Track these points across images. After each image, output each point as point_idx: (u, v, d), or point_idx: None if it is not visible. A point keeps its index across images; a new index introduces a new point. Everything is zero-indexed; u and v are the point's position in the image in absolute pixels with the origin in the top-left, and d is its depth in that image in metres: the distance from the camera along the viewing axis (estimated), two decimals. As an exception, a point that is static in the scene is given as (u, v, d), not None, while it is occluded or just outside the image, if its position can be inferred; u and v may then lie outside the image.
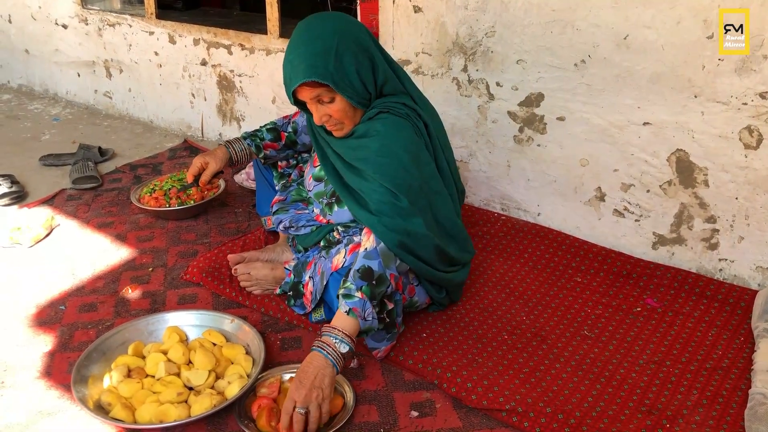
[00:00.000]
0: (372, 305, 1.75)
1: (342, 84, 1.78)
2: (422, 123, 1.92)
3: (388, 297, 1.83)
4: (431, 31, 2.66)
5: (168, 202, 2.76)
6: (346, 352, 1.72)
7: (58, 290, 2.30)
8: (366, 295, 1.74)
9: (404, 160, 1.83)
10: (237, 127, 3.56)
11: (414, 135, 1.87)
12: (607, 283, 2.28)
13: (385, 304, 1.83)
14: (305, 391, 1.64)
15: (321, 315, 2.06)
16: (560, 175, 2.55)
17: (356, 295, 1.74)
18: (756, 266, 2.23)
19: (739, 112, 2.10)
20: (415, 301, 2.02)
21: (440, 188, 1.95)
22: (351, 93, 1.81)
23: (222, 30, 3.40)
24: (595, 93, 2.35)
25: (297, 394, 1.64)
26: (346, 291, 1.76)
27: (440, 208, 1.94)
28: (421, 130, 1.90)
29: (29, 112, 4.18)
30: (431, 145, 1.95)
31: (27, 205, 2.91)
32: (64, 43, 4.18)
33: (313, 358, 1.70)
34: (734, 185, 2.18)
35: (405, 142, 1.85)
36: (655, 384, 1.84)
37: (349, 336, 1.73)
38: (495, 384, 1.81)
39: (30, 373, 1.92)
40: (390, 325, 1.87)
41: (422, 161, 1.89)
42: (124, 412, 1.70)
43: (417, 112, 1.92)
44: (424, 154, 1.90)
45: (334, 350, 1.71)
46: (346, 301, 1.74)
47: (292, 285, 2.11)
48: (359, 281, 1.76)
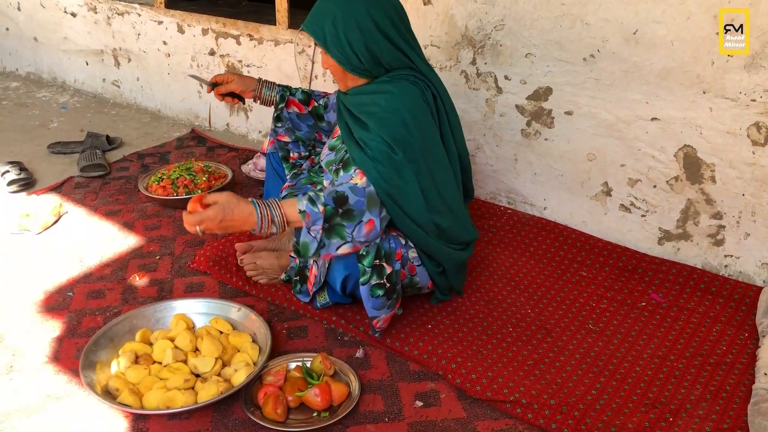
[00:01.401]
0: (323, 226, 1.75)
1: (332, 48, 1.87)
2: (431, 93, 1.94)
3: (386, 259, 1.86)
4: (440, 23, 2.66)
5: (176, 191, 2.78)
6: (274, 229, 1.76)
7: (66, 277, 2.32)
8: (326, 214, 1.74)
9: (406, 119, 1.85)
10: (244, 118, 3.57)
11: (421, 100, 1.89)
12: (612, 277, 2.29)
13: (383, 268, 1.85)
14: (217, 224, 1.71)
15: (325, 299, 2.08)
16: (567, 169, 2.55)
17: (318, 207, 1.74)
18: (761, 263, 2.24)
19: (747, 108, 2.10)
20: (416, 281, 2.02)
21: (442, 158, 1.95)
22: (340, 58, 1.88)
23: (231, 20, 3.40)
24: (603, 88, 2.35)
25: (215, 220, 1.70)
26: (314, 197, 1.76)
27: (441, 179, 1.94)
28: (428, 99, 1.92)
29: (37, 100, 4.19)
30: (437, 117, 1.96)
31: (35, 192, 2.93)
32: (73, 32, 4.18)
33: (247, 206, 1.74)
34: (741, 182, 2.18)
35: (410, 104, 1.87)
36: (659, 378, 1.85)
37: (285, 221, 1.75)
38: (499, 375, 1.82)
39: (38, 358, 1.93)
40: (390, 291, 1.88)
41: (425, 125, 1.90)
42: (132, 398, 1.72)
43: (427, 82, 1.94)
44: (427, 119, 1.91)
45: (267, 215, 1.74)
46: (307, 203, 1.74)
47: (298, 269, 2.12)
48: (329, 200, 1.76)
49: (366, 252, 1.84)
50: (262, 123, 3.49)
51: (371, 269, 1.84)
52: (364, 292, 1.86)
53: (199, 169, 2.91)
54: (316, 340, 2.02)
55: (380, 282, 1.86)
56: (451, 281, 2.12)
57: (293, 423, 1.71)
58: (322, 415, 1.72)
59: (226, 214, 1.71)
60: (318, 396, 1.72)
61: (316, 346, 1.99)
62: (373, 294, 1.86)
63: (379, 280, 1.86)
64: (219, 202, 1.73)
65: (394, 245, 1.91)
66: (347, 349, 1.98)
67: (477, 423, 1.72)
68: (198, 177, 2.85)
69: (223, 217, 1.71)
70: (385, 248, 1.87)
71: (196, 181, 2.82)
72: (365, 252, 1.84)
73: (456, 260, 2.06)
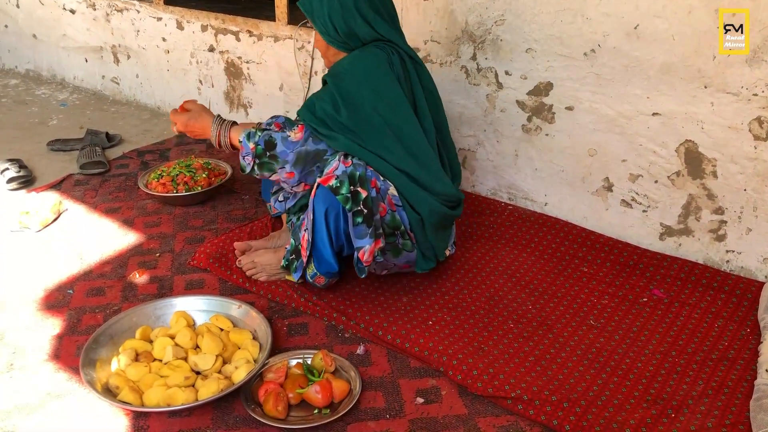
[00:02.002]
0: (253, 160, 1.99)
1: (316, 19, 2.06)
2: (398, 57, 2.04)
3: (361, 183, 1.91)
4: (440, 19, 2.65)
5: (175, 188, 2.76)
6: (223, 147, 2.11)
7: (65, 274, 2.31)
8: (255, 152, 1.99)
9: (358, 76, 1.98)
10: (244, 114, 3.56)
11: (383, 62, 2.00)
12: (613, 273, 2.28)
13: (359, 193, 1.89)
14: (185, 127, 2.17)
15: (313, 270, 2.08)
16: (568, 164, 2.54)
17: (250, 143, 1.99)
18: (763, 258, 2.23)
19: (749, 103, 2.09)
20: (398, 220, 2.01)
21: (407, 115, 2.02)
22: (321, 29, 2.07)
23: (230, 16, 3.39)
24: (604, 83, 2.34)
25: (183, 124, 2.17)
26: (251, 133, 2.00)
27: (407, 133, 2.01)
28: (393, 62, 2.02)
29: (37, 98, 4.18)
30: (408, 78, 2.06)
31: (35, 189, 2.92)
32: (72, 29, 4.17)
33: (208, 118, 2.14)
34: (743, 176, 2.17)
35: (368, 63, 2.00)
36: (661, 374, 1.84)
37: (230, 143, 2.10)
38: (501, 372, 1.82)
39: (39, 356, 1.93)
40: (369, 217, 1.90)
41: (383, 83, 2.00)
42: (132, 395, 1.71)
43: (396, 48, 2.05)
44: (387, 78, 2.00)
45: (218, 133, 2.10)
46: (244, 137, 2.00)
47: (293, 249, 2.13)
48: (261, 141, 1.98)
49: (339, 183, 1.88)
50: (262, 119, 3.47)
51: (350, 196, 1.88)
52: (350, 218, 1.89)
53: (198, 166, 2.89)
54: (316, 337, 2.01)
55: (358, 209, 1.88)
56: (431, 238, 2.08)
57: (294, 420, 1.71)
58: (323, 412, 1.72)
59: (190, 119, 2.16)
60: (319, 393, 1.72)
61: (316, 343, 1.99)
62: (354, 222, 1.89)
63: (357, 207, 1.88)
64: (192, 109, 2.18)
65: (370, 174, 1.95)
66: (348, 345, 1.98)
67: (478, 419, 1.71)
68: (198, 174, 2.82)
69: (188, 123, 2.16)
70: (358, 173, 1.91)
71: (196, 178, 2.79)
72: (338, 183, 1.88)
73: (432, 209, 2.04)
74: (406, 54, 2.06)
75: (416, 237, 2.07)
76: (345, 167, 1.91)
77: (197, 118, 2.15)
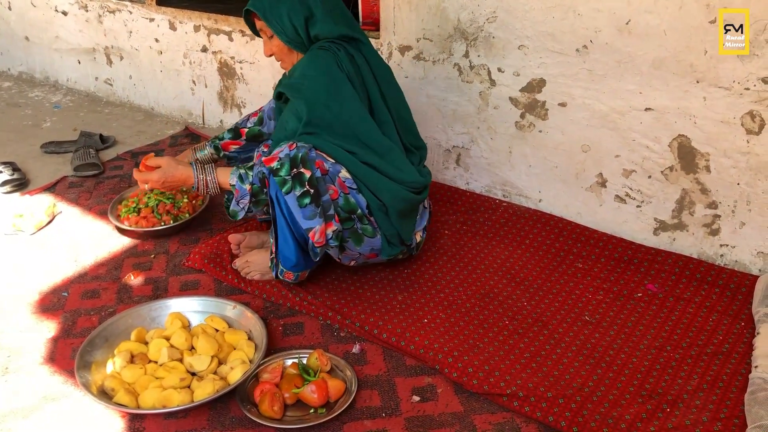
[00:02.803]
0: (250, 200, 1.97)
1: (272, 19, 2.05)
2: (346, 53, 2.05)
3: (303, 164, 1.91)
4: (432, 16, 2.65)
5: (161, 219, 2.52)
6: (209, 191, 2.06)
7: (60, 277, 2.31)
8: (252, 191, 1.96)
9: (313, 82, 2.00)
10: (238, 114, 3.55)
11: (333, 64, 2.01)
12: (608, 268, 2.29)
13: (302, 174, 1.91)
14: (161, 185, 2.07)
15: (280, 267, 2.09)
16: (562, 161, 2.55)
17: (246, 185, 1.96)
18: (757, 252, 2.23)
19: (741, 97, 2.09)
20: (353, 203, 2.00)
21: (359, 109, 2.03)
22: (278, 29, 2.07)
23: (222, 16, 3.38)
24: (596, 78, 2.35)
25: (159, 181, 2.06)
26: (243, 175, 1.98)
27: (363, 132, 2.03)
28: (341, 58, 2.03)
29: (30, 100, 4.17)
30: (360, 73, 2.08)
31: (29, 192, 2.92)
32: (65, 30, 4.16)
33: (185, 169, 2.07)
34: (736, 171, 2.18)
35: (321, 67, 2.01)
36: (656, 369, 1.85)
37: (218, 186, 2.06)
38: (496, 369, 1.82)
39: (34, 359, 1.93)
40: (316, 197, 1.91)
41: (336, 84, 2.01)
42: (128, 398, 1.71)
43: (342, 45, 2.06)
44: (339, 79, 2.01)
45: (203, 178, 2.05)
46: (237, 181, 1.98)
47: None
48: (256, 180, 1.95)
49: (280, 165, 1.90)
50: (255, 119, 3.48)
51: (290, 178, 1.89)
52: (291, 202, 1.90)
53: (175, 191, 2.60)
54: (312, 337, 2.01)
55: (304, 190, 1.89)
56: (396, 224, 2.07)
57: (290, 420, 1.71)
58: (319, 411, 1.72)
59: (167, 176, 2.06)
60: (314, 392, 1.72)
61: (312, 343, 1.99)
62: (301, 204, 1.90)
63: (303, 189, 1.89)
64: (161, 166, 2.07)
65: (314, 155, 1.94)
66: (343, 345, 1.98)
67: (474, 417, 1.72)
68: (178, 200, 2.60)
69: (165, 179, 2.06)
70: (301, 155, 1.91)
71: (179, 204, 2.58)
72: (279, 165, 1.90)
73: (396, 195, 2.03)
74: (353, 44, 2.08)
75: (378, 223, 2.05)
76: (289, 150, 1.92)
77: (173, 171, 2.06)
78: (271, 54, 2.18)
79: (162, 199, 2.57)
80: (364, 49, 2.11)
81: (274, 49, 2.15)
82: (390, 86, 2.18)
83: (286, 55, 2.15)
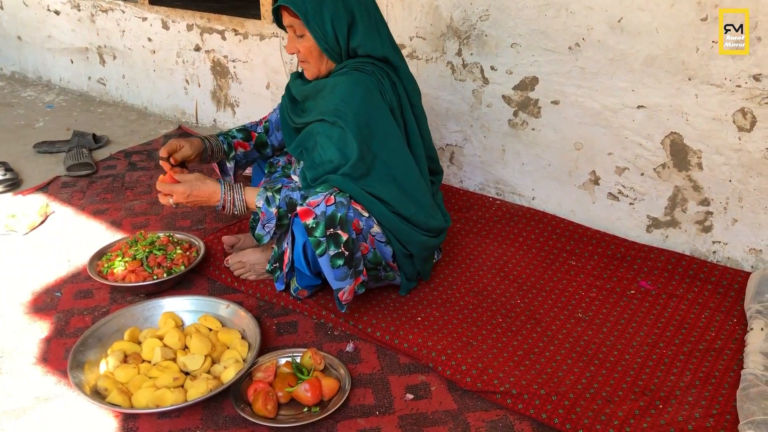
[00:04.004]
0: (275, 224, 1.94)
1: (313, 23, 1.91)
2: (389, 81, 1.97)
3: (342, 226, 1.84)
4: (425, 14, 2.65)
5: (152, 272, 2.21)
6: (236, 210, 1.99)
7: (53, 277, 2.30)
8: (278, 215, 1.94)
9: (358, 113, 1.89)
10: (231, 113, 3.55)
11: (377, 93, 1.93)
12: (601, 266, 2.29)
13: (339, 236, 1.83)
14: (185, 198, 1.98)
15: (296, 284, 2.08)
16: (555, 159, 2.55)
17: (272, 209, 1.93)
18: (749, 248, 2.24)
19: (732, 94, 2.10)
20: (380, 256, 2.00)
21: (399, 146, 1.97)
22: (319, 34, 1.93)
23: (215, 15, 3.38)
24: (589, 76, 2.35)
25: (184, 194, 1.98)
26: (270, 198, 1.94)
27: (399, 170, 1.97)
28: (385, 87, 1.96)
29: (23, 100, 4.16)
30: (400, 104, 2.01)
31: (22, 192, 2.91)
32: (57, 30, 4.15)
33: (213, 184, 2.00)
34: (728, 168, 2.18)
35: (365, 96, 1.91)
36: (649, 365, 1.85)
37: (245, 206, 1.99)
38: (489, 366, 1.82)
39: (26, 359, 1.92)
40: (350, 259, 1.87)
41: (378, 117, 1.93)
42: (121, 398, 1.71)
43: (386, 70, 1.97)
44: (382, 111, 1.94)
45: (230, 196, 1.98)
46: (264, 204, 1.94)
47: (277, 257, 2.12)
48: (283, 204, 1.93)
49: (315, 224, 1.82)
50: (249, 118, 3.47)
51: (325, 239, 1.83)
52: (323, 263, 1.85)
53: (166, 241, 2.34)
54: (305, 336, 2.01)
55: (339, 251, 1.84)
56: (419, 267, 2.11)
57: (284, 419, 1.71)
58: (313, 410, 1.72)
59: (193, 190, 1.98)
60: (308, 391, 1.72)
61: (305, 342, 1.99)
62: (334, 265, 1.85)
63: (337, 249, 1.84)
64: (188, 179, 2.00)
65: (352, 215, 1.89)
66: (337, 343, 1.98)
67: (468, 414, 1.72)
68: (171, 251, 2.29)
69: (191, 192, 1.98)
70: (339, 215, 1.84)
71: (172, 256, 2.27)
72: (314, 224, 1.82)
73: (424, 245, 2.05)
74: (396, 76, 2.00)
75: (402, 268, 2.08)
76: (326, 206, 1.82)
77: (200, 185, 1.99)
78: (295, 52, 2.02)
79: (153, 251, 2.28)
80: (402, 75, 2.03)
81: (302, 50, 1.99)
82: (423, 114, 2.11)
83: (315, 59, 2.00)
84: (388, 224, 1.96)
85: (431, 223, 2.03)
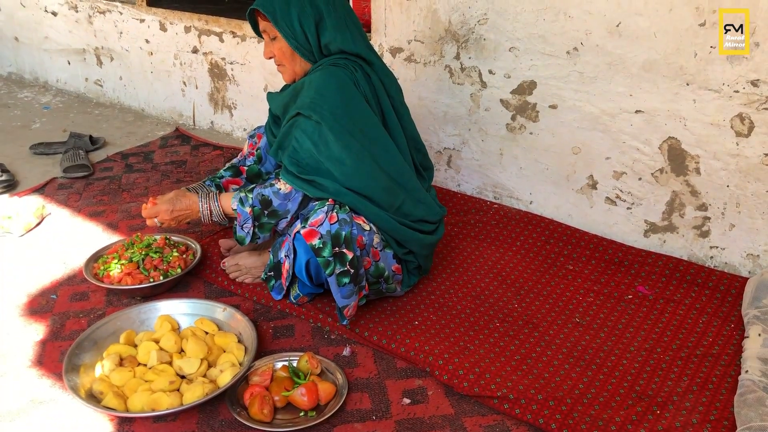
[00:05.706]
0: (253, 224, 2.00)
1: (281, 21, 1.96)
2: (363, 72, 1.99)
3: (347, 245, 1.84)
4: (423, 18, 2.65)
5: (149, 275, 2.18)
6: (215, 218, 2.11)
7: (49, 279, 2.29)
8: (253, 214, 1.99)
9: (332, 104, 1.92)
10: (228, 116, 3.54)
11: (350, 83, 1.95)
12: (598, 270, 2.29)
13: (345, 255, 1.83)
14: (170, 214, 2.12)
15: (297, 292, 2.07)
16: (552, 163, 2.55)
17: (246, 208, 1.99)
18: (747, 254, 2.24)
19: (730, 99, 2.10)
20: (381, 268, 1.99)
21: (379, 134, 1.99)
22: (288, 33, 1.97)
23: (213, 17, 3.37)
24: (587, 81, 2.35)
25: (167, 212, 2.12)
26: (243, 198, 2.00)
27: (381, 156, 1.97)
28: (358, 79, 1.97)
29: (19, 101, 4.15)
30: (376, 94, 2.02)
31: (18, 193, 2.90)
32: (54, 31, 4.14)
33: (192, 197, 2.13)
34: (726, 173, 2.18)
35: (339, 87, 1.94)
36: (646, 371, 1.85)
37: (223, 213, 2.09)
38: (486, 371, 1.82)
39: (22, 362, 1.91)
40: (355, 276, 1.86)
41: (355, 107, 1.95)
42: (116, 401, 1.70)
43: (359, 63, 2.00)
44: (357, 100, 1.96)
45: (207, 206, 2.09)
46: (238, 204, 2.00)
47: (273, 266, 2.11)
48: (256, 202, 1.99)
49: (322, 244, 1.82)
50: (246, 120, 3.47)
51: (333, 258, 1.83)
52: (332, 283, 1.85)
53: (163, 243, 2.33)
54: (302, 339, 2.01)
55: (344, 269, 1.84)
56: (420, 261, 2.12)
57: (280, 423, 1.70)
58: (309, 414, 1.71)
59: (175, 206, 2.11)
60: (305, 395, 1.71)
61: (302, 345, 1.98)
62: (340, 283, 1.85)
63: (343, 268, 1.84)
64: (168, 197, 2.13)
65: (356, 232, 1.88)
66: (334, 347, 1.97)
67: (465, 419, 1.71)
68: (167, 254, 2.27)
69: (173, 208, 2.11)
70: (344, 234, 1.84)
71: (168, 259, 2.25)
72: (321, 244, 1.82)
73: (424, 243, 2.06)
74: (368, 65, 2.01)
75: (402, 262, 2.08)
76: (330, 224, 1.83)
77: (179, 200, 2.13)
78: (271, 56, 2.07)
79: (150, 253, 2.26)
80: (377, 69, 2.04)
81: (276, 52, 2.04)
82: (403, 106, 2.13)
83: (288, 60, 2.04)
84: (385, 226, 1.96)
85: (420, 210, 2.04)
